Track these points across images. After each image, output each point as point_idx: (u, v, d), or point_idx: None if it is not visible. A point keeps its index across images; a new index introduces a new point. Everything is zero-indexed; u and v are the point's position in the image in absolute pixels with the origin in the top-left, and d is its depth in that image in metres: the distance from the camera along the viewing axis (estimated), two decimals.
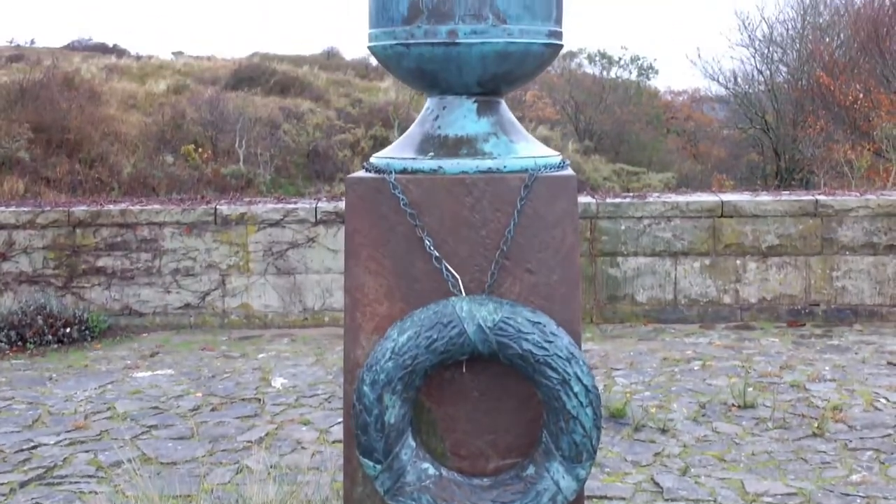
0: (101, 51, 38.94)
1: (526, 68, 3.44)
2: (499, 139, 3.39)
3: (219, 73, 29.02)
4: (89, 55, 34.28)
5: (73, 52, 36.16)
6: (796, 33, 28.95)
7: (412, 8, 3.26)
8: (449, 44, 3.25)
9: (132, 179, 18.92)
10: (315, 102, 26.10)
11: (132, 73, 28.10)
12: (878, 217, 8.87)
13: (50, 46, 40.12)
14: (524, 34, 3.29)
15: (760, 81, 29.29)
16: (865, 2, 28.12)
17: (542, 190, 3.30)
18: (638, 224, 8.93)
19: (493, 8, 3.23)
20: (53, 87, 21.68)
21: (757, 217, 8.89)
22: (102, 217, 8.94)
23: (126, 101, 23.71)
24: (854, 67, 25.22)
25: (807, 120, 24.76)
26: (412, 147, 3.42)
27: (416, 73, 3.41)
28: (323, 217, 8.93)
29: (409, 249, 3.30)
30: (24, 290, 8.90)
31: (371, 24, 3.47)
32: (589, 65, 36.06)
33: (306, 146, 22.88)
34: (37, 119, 20.10)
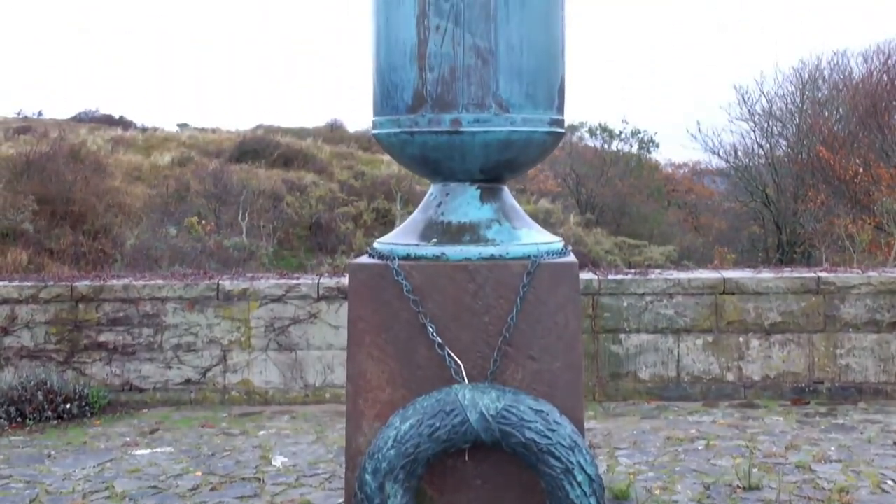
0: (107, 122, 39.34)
1: (528, 156, 3.47)
2: (501, 225, 3.42)
3: (223, 145, 29.27)
4: (96, 127, 34.62)
5: (80, 124, 36.53)
6: (795, 108, 29.24)
7: (416, 97, 3.31)
8: (452, 132, 3.29)
9: (135, 251, 18.95)
10: (318, 175, 26.29)
11: (137, 145, 28.34)
12: (881, 294, 8.86)
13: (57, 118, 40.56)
14: (527, 123, 3.34)
15: (761, 155, 29.51)
16: (863, 77, 28.47)
17: (545, 276, 3.31)
18: (640, 301, 8.92)
19: (495, 97, 3.28)
20: (59, 159, 21.86)
21: (759, 294, 8.88)
22: (105, 292, 8.94)
23: (131, 173, 23.89)
24: (853, 142, 25.44)
25: (807, 193, 24.89)
26: (415, 233, 3.44)
27: (420, 161, 3.45)
28: (325, 293, 8.93)
29: (411, 336, 3.30)
30: (25, 366, 8.87)
31: (375, 112, 3.51)
32: (590, 138, 36.38)
33: (309, 218, 22.98)
34: (42, 191, 20.23)
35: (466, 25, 3.25)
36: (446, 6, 3.25)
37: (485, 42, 3.25)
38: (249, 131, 33.87)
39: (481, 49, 3.26)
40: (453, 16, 3.25)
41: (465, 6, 3.25)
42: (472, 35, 3.25)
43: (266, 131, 32.93)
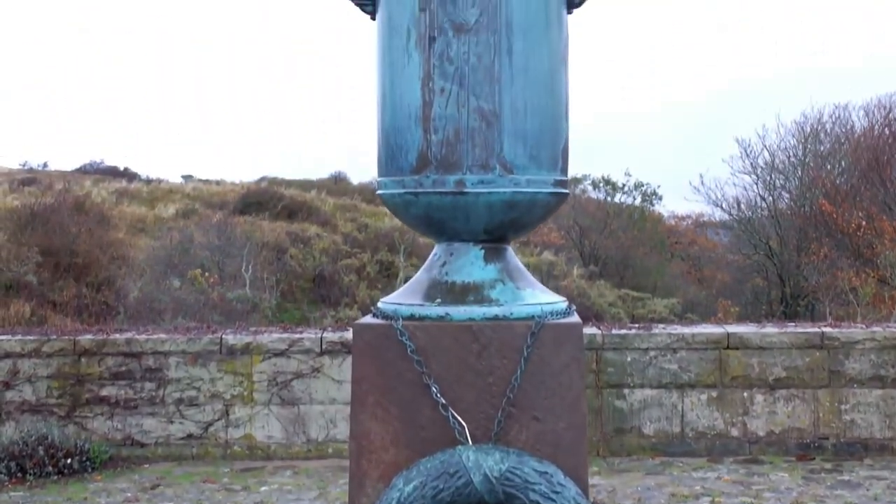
0: (112, 174, 39.54)
1: (532, 216, 3.49)
2: (505, 286, 3.43)
3: (227, 197, 29.40)
4: (100, 178, 34.80)
5: (85, 176, 36.73)
6: (798, 161, 29.36)
7: (421, 158, 3.33)
8: (457, 193, 3.31)
9: (138, 303, 18.96)
10: (322, 227, 26.37)
11: (142, 197, 28.47)
12: (886, 350, 8.84)
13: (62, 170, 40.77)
14: (531, 184, 3.36)
15: (763, 208, 29.58)
16: (865, 131, 28.62)
17: (549, 337, 3.31)
18: (644, 356, 8.90)
19: (500, 158, 3.30)
20: (64, 211, 21.95)
21: (763, 349, 8.86)
22: (108, 346, 8.94)
23: (135, 226, 23.98)
24: (856, 195, 25.51)
25: (810, 246, 24.91)
26: (420, 293, 3.45)
27: (425, 221, 3.47)
28: (328, 347, 8.92)
29: (415, 396, 3.30)
30: (27, 420, 8.84)
31: (380, 173, 3.54)
32: (593, 190, 36.52)
33: (312, 271, 23.01)
34: (46, 243, 20.29)
35: (471, 88, 3.28)
36: (451, 69, 3.29)
37: (489, 104, 3.29)
38: (253, 183, 34.05)
39: (485, 111, 3.29)
40: (458, 78, 3.28)
41: (470, 69, 3.29)
42: (477, 97, 3.28)
43: (270, 183, 33.09)
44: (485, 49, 3.29)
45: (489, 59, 3.29)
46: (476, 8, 3.28)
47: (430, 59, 3.30)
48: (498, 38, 3.28)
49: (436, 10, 3.30)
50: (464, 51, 3.28)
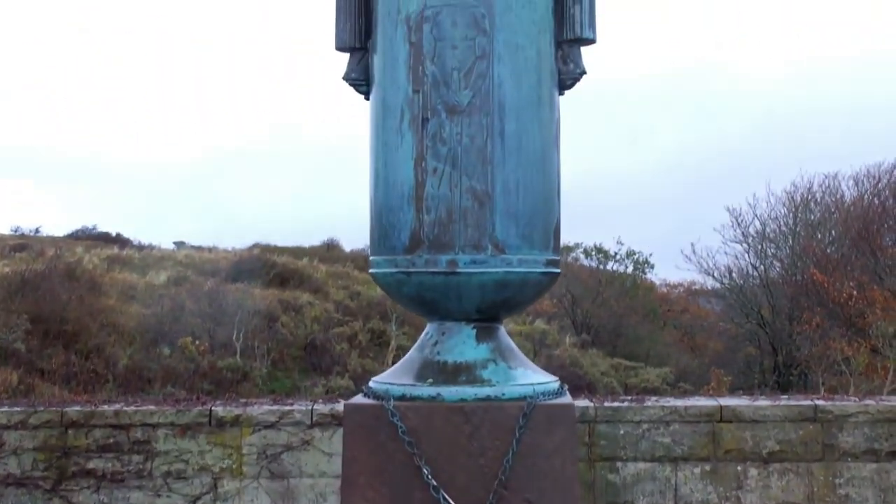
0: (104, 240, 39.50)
1: (524, 296, 3.49)
2: (497, 366, 3.41)
3: (219, 264, 29.36)
4: (92, 245, 34.75)
5: (77, 242, 36.68)
6: (789, 230, 29.52)
7: (413, 238, 3.34)
8: (449, 273, 3.31)
9: (128, 372, 18.82)
10: (314, 295, 26.31)
11: (133, 264, 28.41)
12: (879, 423, 8.79)
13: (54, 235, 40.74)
14: (522, 263, 3.36)
15: (755, 276, 29.64)
16: (854, 200, 28.83)
17: (541, 418, 3.29)
18: (637, 428, 8.83)
19: (492, 238, 3.31)
20: (55, 278, 21.88)
21: (756, 422, 8.81)
22: (96, 418, 8.84)
23: (126, 293, 23.89)
24: (847, 264, 25.60)
25: (802, 315, 24.92)
26: (411, 373, 3.43)
27: (417, 300, 3.47)
28: (319, 419, 8.84)
29: (406, 477, 3.26)
30: (11, 494, 8.70)
31: (372, 251, 3.54)
32: (585, 259, 36.59)
33: (304, 339, 22.91)
34: (36, 310, 20.18)
35: (463, 168, 3.30)
36: (444, 150, 3.31)
37: (481, 185, 3.31)
38: (246, 250, 34.04)
39: (478, 192, 3.31)
40: (451, 159, 3.31)
41: (463, 150, 3.31)
42: (469, 178, 3.30)
43: (262, 250, 33.08)
44: (477, 130, 3.31)
45: (482, 140, 3.32)
46: (469, 90, 3.32)
47: (423, 140, 3.33)
48: (490, 119, 3.32)
49: (429, 92, 3.33)
50: (457, 132, 3.31)
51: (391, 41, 3.46)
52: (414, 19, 3.40)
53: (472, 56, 3.34)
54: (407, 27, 3.42)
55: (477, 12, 3.37)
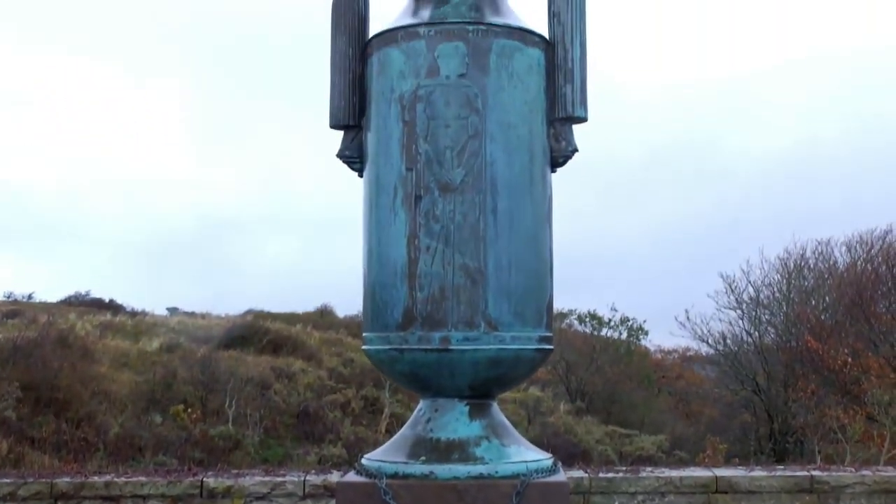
0: (97, 306, 39.35)
1: (517, 373, 3.49)
2: (490, 443, 3.40)
3: (212, 330, 29.25)
4: (85, 311, 34.63)
5: (70, 308, 36.54)
6: (782, 296, 29.52)
7: (406, 315, 3.35)
8: (442, 350, 3.32)
9: (119, 440, 18.62)
10: (307, 362, 26.16)
11: (126, 331, 28.28)
12: (876, 493, 8.73)
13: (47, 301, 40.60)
14: (515, 340, 3.37)
15: (749, 343, 29.55)
16: (848, 266, 28.91)
17: (534, 496, 3.27)
18: (632, 500, 8.75)
19: (485, 316, 3.32)
20: (47, 345, 21.76)
21: (752, 493, 8.74)
22: (86, 489, 8.74)
23: (118, 360, 23.74)
24: (841, 331, 25.57)
25: (798, 383, 24.83)
26: (404, 450, 3.41)
27: (410, 377, 3.46)
28: (311, 490, 8.75)
29: None
30: None
31: (365, 328, 3.55)
32: (579, 325, 36.51)
33: (297, 406, 22.72)
34: (27, 377, 20.03)
35: (456, 246, 3.32)
36: (437, 227, 3.33)
37: (474, 262, 3.32)
38: (239, 316, 33.93)
39: (471, 269, 3.32)
40: (444, 236, 3.33)
41: (456, 227, 3.33)
42: (462, 255, 3.32)
43: (256, 317, 32.99)
44: (470, 208, 3.34)
45: (474, 218, 3.34)
46: (462, 168, 3.35)
47: (416, 218, 3.35)
48: (483, 197, 3.35)
49: (422, 170, 3.36)
50: (450, 209, 3.33)
51: (385, 120, 3.50)
52: (408, 98, 3.45)
53: (464, 135, 3.38)
54: (401, 106, 3.46)
55: (470, 92, 3.42)
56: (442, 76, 3.43)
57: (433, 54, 3.45)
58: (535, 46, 3.61)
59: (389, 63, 3.54)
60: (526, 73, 3.54)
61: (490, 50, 3.47)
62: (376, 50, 3.62)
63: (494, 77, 3.46)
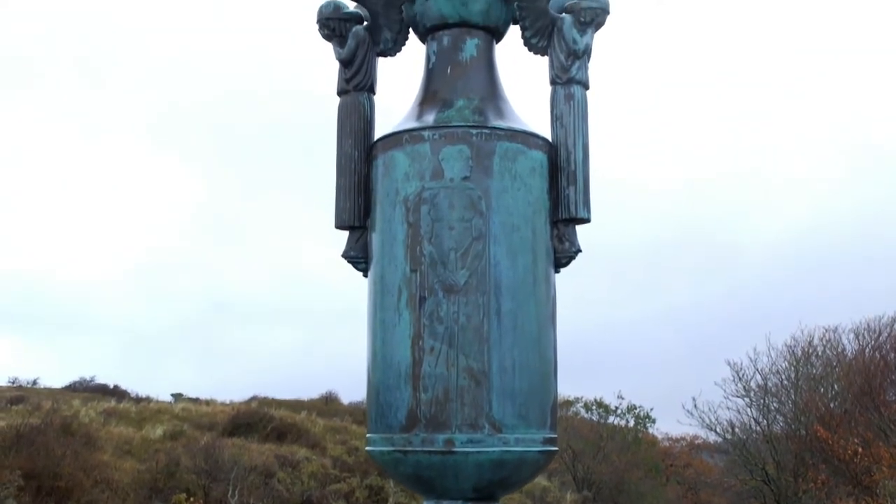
0: (101, 392, 39.24)
1: (521, 475, 3.47)
2: None
3: (217, 417, 29.09)
4: (90, 397, 34.52)
5: (74, 394, 36.44)
6: (791, 384, 29.27)
7: (410, 417, 3.34)
8: (446, 452, 3.30)
9: None
10: (311, 450, 25.95)
11: (130, 418, 28.15)
12: None
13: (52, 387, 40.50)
14: (519, 442, 3.35)
15: (758, 431, 29.25)
16: (856, 354, 28.74)
17: None
18: None
19: (489, 418, 3.31)
20: (50, 433, 21.63)
21: None
22: None
23: (122, 447, 23.58)
24: (851, 420, 25.31)
25: (808, 473, 24.51)
26: None
27: (413, 479, 3.44)
28: None
29: None
30: None
31: (370, 429, 3.54)
32: (586, 413, 36.23)
33: (300, 496, 22.47)
34: (30, 465, 19.88)
35: (460, 347, 3.34)
36: (440, 329, 3.35)
37: (478, 364, 3.33)
38: (244, 403, 33.77)
39: (475, 371, 3.33)
40: (447, 338, 3.34)
41: (459, 329, 3.35)
42: (466, 357, 3.33)
43: (260, 404, 32.84)
44: (474, 309, 3.36)
45: (478, 320, 3.36)
46: (466, 269, 3.38)
47: (420, 319, 3.37)
48: (487, 298, 3.37)
49: (426, 272, 3.39)
50: (453, 311, 3.35)
51: (390, 221, 3.54)
52: (412, 200, 3.49)
53: (468, 237, 3.42)
54: (405, 208, 3.51)
55: (474, 194, 3.47)
56: (446, 178, 3.48)
57: (437, 157, 3.51)
58: (538, 149, 3.67)
59: (394, 165, 3.59)
60: (529, 176, 3.59)
61: (493, 153, 3.53)
62: (381, 152, 3.68)
63: (498, 179, 3.51)
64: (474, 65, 3.78)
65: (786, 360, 30.03)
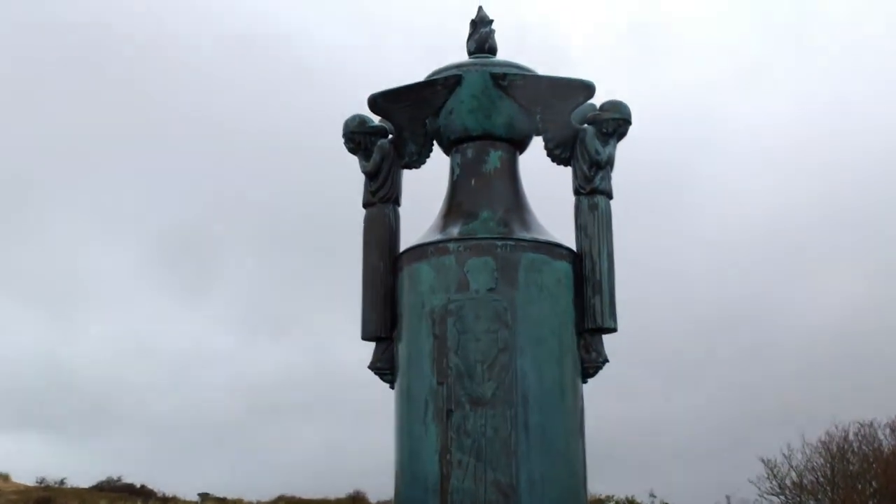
0: (128, 492, 38.85)
1: None
2: None
3: None
4: (116, 497, 34.21)
5: (101, 494, 36.12)
6: (827, 481, 28.60)
7: None
8: None
9: None
10: None
11: None
12: None
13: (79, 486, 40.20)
14: None
15: None
16: (893, 449, 28.11)
17: None
18: None
19: None
20: None
21: None
22: None
23: None
24: None
25: None
26: None
27: None
28: None
29: None
30: None
31: None
32: None
33: None
34: None
35: (488, 461, 3.31)
36: (468, 441, 3.33)
37: (506, 478, 3.30)
38: (270, 503, 33.33)
39: (503, 485, 3.29)
40: (475, 451, 3.31)
41: (487, 442, 3.32)
42: (494, 471, 3.30)
43: (287, 503, 32.41)
44: (501, 422, 3.34)
45: (506, 432, 3.33)
46: (492, 382, 3.37)
47: (447, 431, 3.35)
48: (514, 411, 3.35)
49: (453, 384, 3.38)
50: (481, 423, 3.34)
51: (416, 333, 3.55)
52: (438, 312, 3.50)
53: (495, 348, 3.41)
54: (431, 320, 3.51)
55: (499, 306, 3.47)
56: (472, 290, 3.50)
57: (463, 269, 3.53)
58: (563, 259, 3.68)
59: (420, 278, 3.61)
60: (555, 286, 3.60)
61: (519, 264, 3.55)
62: (407, 264, 3.71)
63: (523, 291, 3.52)
64: (498, 176, 3.82)
65: (821, 456, 29.39)
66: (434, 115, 3.93)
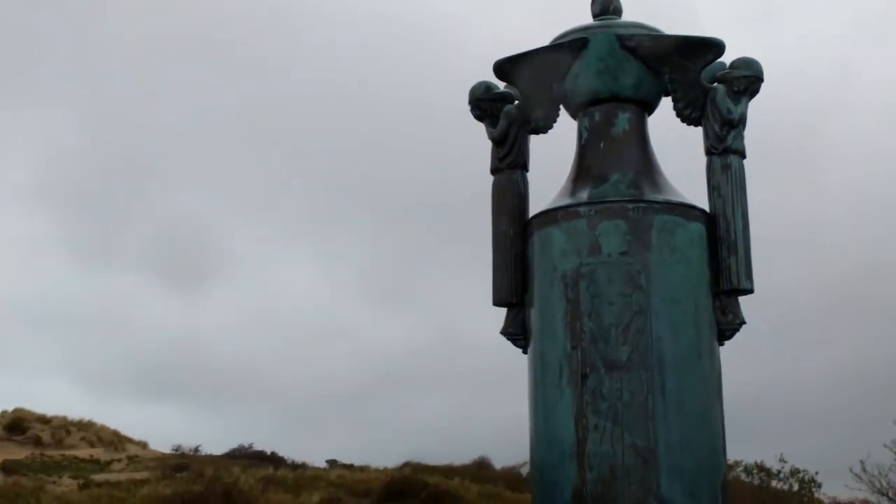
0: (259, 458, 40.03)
1: None
2: None
3: (371, 485, 29.24)
4: (248, 464, 35.27)
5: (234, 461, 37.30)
6: None
7: (576, 496, 3.33)
8: None
9: None
10: None
11: (287, 484, 28.59)
12: None
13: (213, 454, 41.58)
14: None
15: None
16: None
17: None
18: None
19: (657, 496, 3.29)
20: (213, 500, 22.23)
21: None
22: None
23: None
24: None
25: None
26: None
27: None
28: None
29: None
30: None
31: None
32: (746, 477, 34.90)
33: None
34: None
35: (625, 425, 3.30)
36: (604, 406, 3.32)
37: (644, 441, 3.28)
38: (397, 469, 33.87)
39: (640, 448, 3.28)
40: (611, 415, 3.31)
41: (623, 406, 3.31)
42: (631, 434, 3.29)
43: (413, 469, 32.88)
44: (637, 386, 3.32)
45: (642, 396, 3.32)
46: (627, 346, 3.35)
47: (582, 396, 3.35)
48: (650, 374, 3.32)
49: (587, 348, 3.37)
50: (616, 387, 3.32)
51: (548, 298, 3.55)
52: (570, 276, 3.50)
53: (629, 312, 3.39)
54: (563, 284, 3.51)
55: (632, 269, 3.45)
56: (604, 254, 3.48)
57: (594, 232, 3.51)
58: (697, 220, 3.63)
59: (551, 242, 3.61)
60: (688, 248, 3.55)
61: (651, 226, 3.51)
62: (537, 230, 3.70)
63: (657, 253, 3.48)
64: (627, 138, 3.78)
65: None
66: (560, 79, 3.90)
